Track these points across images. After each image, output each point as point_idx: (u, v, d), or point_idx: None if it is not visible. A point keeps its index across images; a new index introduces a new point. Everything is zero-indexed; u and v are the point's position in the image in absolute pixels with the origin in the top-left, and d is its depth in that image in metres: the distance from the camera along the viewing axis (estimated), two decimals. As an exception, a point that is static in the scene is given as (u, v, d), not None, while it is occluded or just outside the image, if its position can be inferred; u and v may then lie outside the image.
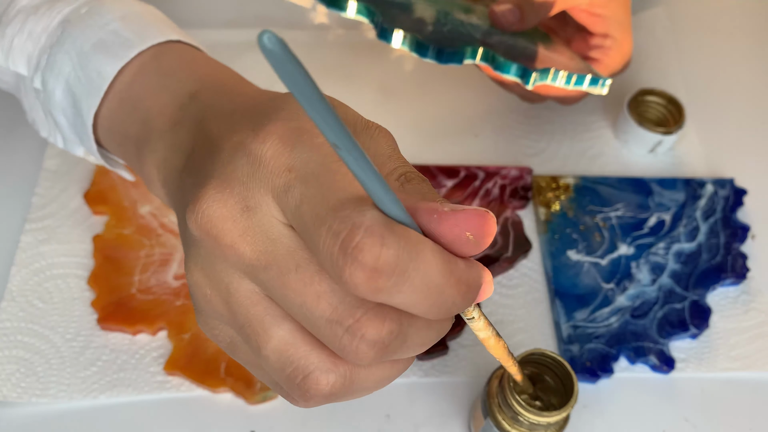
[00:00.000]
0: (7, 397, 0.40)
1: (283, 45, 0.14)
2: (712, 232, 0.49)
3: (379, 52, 0.59)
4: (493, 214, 0.21)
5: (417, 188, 0.22)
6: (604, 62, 0.47)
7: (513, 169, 0.51)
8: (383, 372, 0.23)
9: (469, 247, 0.21)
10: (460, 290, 0.20)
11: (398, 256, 0.19)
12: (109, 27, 0.33)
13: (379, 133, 0.26)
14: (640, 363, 0.43)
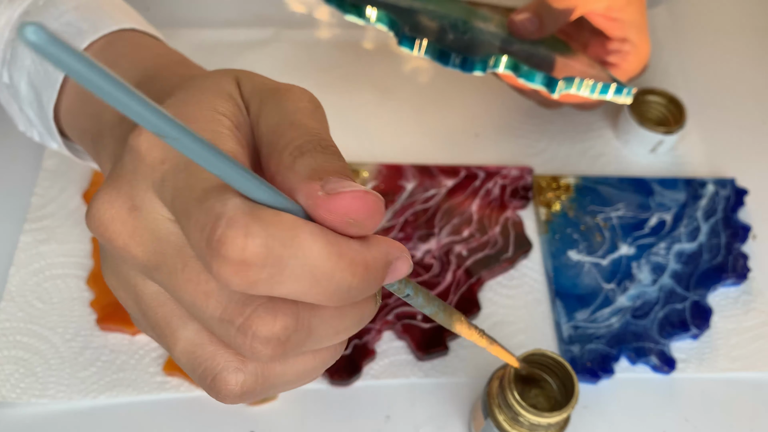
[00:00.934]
0: (6, 398, 0.40)
1: (51, 36, 0.13)
2: (713, 232, 0.48)
3: (378, 52, 0.59)
4: (376, 194, 0.20)
5: (309, 163, 0.20)
6: (623, 67, 0.47)
7: (513, 168, 0.51)
8: (303, 365, 0.22)
9: (354, 230, 0.19)
10: (356, 272, 0.19)
11: (267, 245, 0.18)
12: (63, 18, 0.33)
13: (287, 97, 0.23)
14: (641, 363, 0.43)
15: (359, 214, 0.19)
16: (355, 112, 0.55)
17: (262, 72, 0.63)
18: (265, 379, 0.21)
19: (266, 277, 0.18)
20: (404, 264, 0.21)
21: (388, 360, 0.43)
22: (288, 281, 0.18)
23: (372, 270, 0.20)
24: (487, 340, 0.28)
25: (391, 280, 0.21)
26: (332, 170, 0.20)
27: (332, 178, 0.20)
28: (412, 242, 0.46)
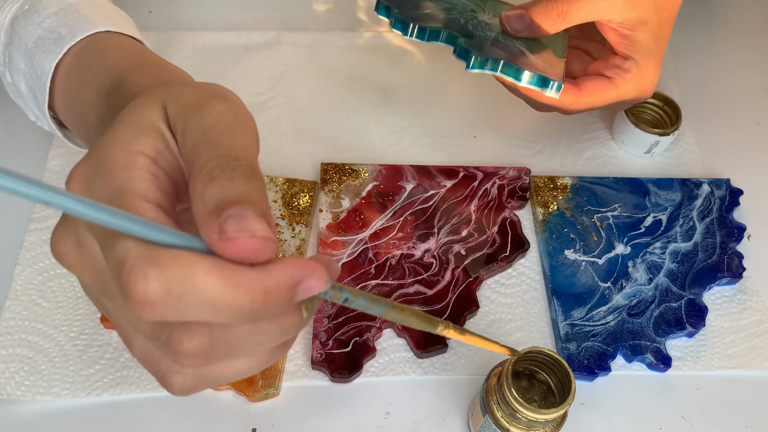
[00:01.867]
0: (11, 395, 0.40)
1: None
2: (708, 232, 0.49)
3: (379, 54, 0.60)
4: (266, 235, 0.21)
5: (215, 193, 0.22)
6: (617, 84, 0.45)
7: (511, 169, 0.51)
8: (239, 366, 0.24)
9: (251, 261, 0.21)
10: (255, 298, 0.21)
11: (165, 286, 0.20)
12: (45, 24, 0.35)
13: (207, 111, 0.24)
14: (637, 361, 0.44)
15: (250, 255, 0.21)
16: (356, 114, 0.56)
17: (263, 74, 0.63)
18: (204, 379, 0.24)
19: (171, 310, 0.21)
20: (316, 282, 0.22)
21: (388, 357, 0.43)
22: (191, 312, 0.21)
23: (273, 294, 0.21)
24: (458, 332, 0.28)
25: (304, 296, 0.22)
26: (236, 199, 0.21)
27: (231, 217, 0.21)
28: (411, 241, 0.47)
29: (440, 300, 0.45)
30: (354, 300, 0.24)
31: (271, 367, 0.41)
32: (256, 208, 0.21)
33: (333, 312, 0.44)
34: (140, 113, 0.24)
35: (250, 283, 0.21)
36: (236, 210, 0.21)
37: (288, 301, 0.22)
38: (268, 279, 0.21)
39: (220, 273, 0.21)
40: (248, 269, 0.21)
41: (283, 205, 0.48)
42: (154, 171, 0.23)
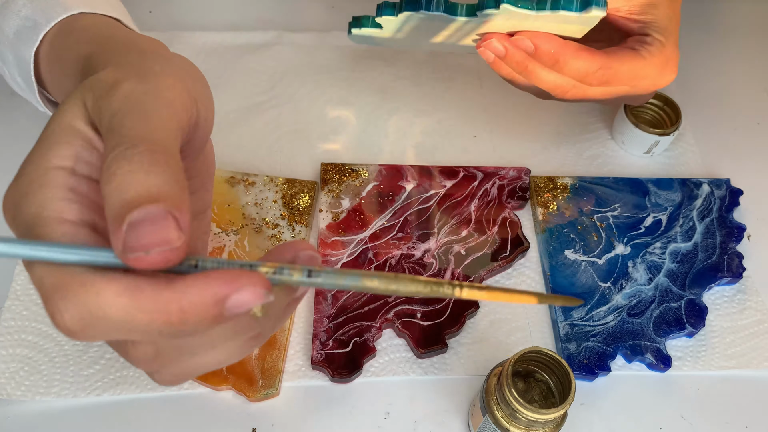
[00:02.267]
0: (11, 395, 0.40)
1: None
2: (708, 232, 0.49)
3: (379, 54, 0.60)
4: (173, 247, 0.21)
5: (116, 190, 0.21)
6: (643, 54, 0.41)
7: (511, 169, 0.51)
8: (207, 360, 0.24)
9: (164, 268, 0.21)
10: (170, 320, 0.20)
11: (78, 317, 0.20)
12: (22, 12, 0.34)
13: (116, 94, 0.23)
14: (637, 361, 0.44)
15: (159, 267, 0.21)
16: (356, 114, 0.56)
17: (264, 74, 0.63)
18: (183, 374, 0.25)
19: (93, 335, 0.21)
20: (247, 294, 0.21)
21: (388, 357, 0.43)
22: (113, 334, 0.21)
23: (191, 313, 0.21)
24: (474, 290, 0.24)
25: (238, 311, 0.21)
26: (135, 199, 0.20)
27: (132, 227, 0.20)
28: (411, 241, 0.47)
29: (440, 300, 0.45)
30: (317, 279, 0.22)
31: (271, 367, 0.41)
32: (158, 207, 0.20)
33: (333, 312, 0.44)
34: (59, 119, 0.23)
35: (162, 305, 0.20)
36: (137, 215, 0.20)
37: (214, 316, 0.21)
38: (182, 299, 0.20)
39: (129, 296, 0.20)
40: (162, 288, 0.20)
41: (283, 205, 0.48)
42: (72, 183, 0.22)
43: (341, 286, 0.22)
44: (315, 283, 0.22)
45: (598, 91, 0.42)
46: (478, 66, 0.59)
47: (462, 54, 0.60)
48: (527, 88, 0.43)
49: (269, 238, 0.47)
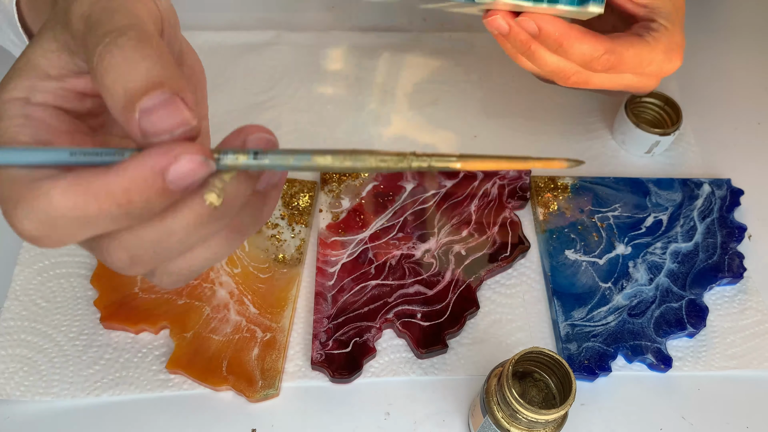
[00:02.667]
0: (10, 395, 0.40)
1: None
2: (708, 232, 0.49)
3: (379, 54, 0.60)
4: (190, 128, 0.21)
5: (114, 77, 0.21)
6: (647, 40, 0.40)
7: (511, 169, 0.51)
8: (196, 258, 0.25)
9: None
10: (119, 202, 0.21)
11: (36, 222, 0.21)
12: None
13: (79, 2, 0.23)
14: (638, 361, 0.44)
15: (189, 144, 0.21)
16: (356, 114, 0.55)
17: (264, 74, 0.63)
18: (178, 275, 0.25)
19: (57, 238, 0.21)
20: (185, 163, 0.21)
21: (389, 357, 0.43)
22: (74, 233, 0.21)
23: (134, 191, 0.21)
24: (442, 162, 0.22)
25: (181, 182, 0.21)
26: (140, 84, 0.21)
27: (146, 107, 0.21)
28: (411, 242, 0.47)
29: (440, 300, 0.44)
30: (265, 160, 0.22)
31: (270, 368, 0.41)
32: (165, 92, 0.21)
33: (333, 312, 0.44)
34: (19, 59, 0.24)
35: (106, 189, 0.21)
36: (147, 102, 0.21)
37: (158, 190, 0.21)
38: (123, 179, 0.21)
39: (74, 190, 0.21)
40: (103, 174, 0.21)
41: (283, 205, 0.48)
42: (27, 111, 0.23)
43: (290, 167, 0.22)
44: (262, 165, 0.22)
45: (601, 79, 0.41)
46: (478, 66, 0.59)
47: (462, 54, 0.60)
48: (530, 69, 0.42)
49: (269, 238, 0.47)
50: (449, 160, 0.22)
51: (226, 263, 0.45)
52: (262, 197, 0.25)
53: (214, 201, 0.22)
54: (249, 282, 0.44)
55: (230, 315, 0.43)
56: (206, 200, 0.22)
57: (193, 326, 0.42)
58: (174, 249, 0.23)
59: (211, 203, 0.22)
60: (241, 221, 0.25)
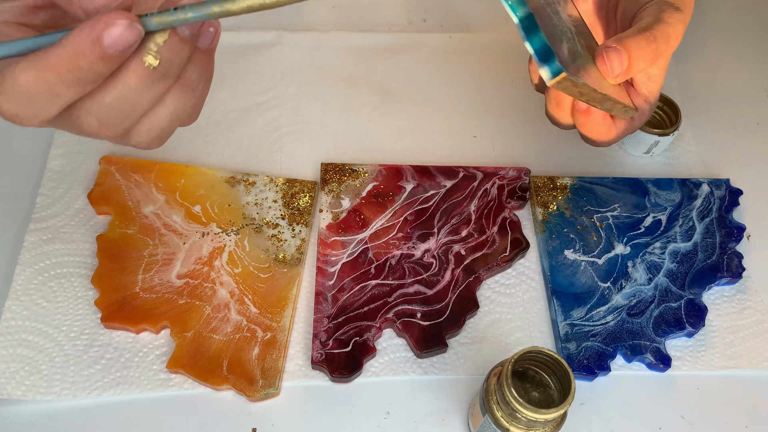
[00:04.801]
0: (11, 395, 0.40)
1: None
2: (707, 232, 0.49)
3: (379, 54, 0.60)
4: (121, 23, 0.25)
5: None
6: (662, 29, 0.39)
7: (511, 169, 0.51)
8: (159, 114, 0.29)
9: None
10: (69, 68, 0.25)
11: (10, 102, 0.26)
12: None
13: None
14: (637, 361, 0.44)
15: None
16: (356, 114, 0.56)
17: (265, 74, 0.64)
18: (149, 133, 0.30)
19: (32, 113, 0.27)
20: (116, 28, 0.25)
21: (388, 357, 0.43)
22: (45, 105, 0.26)
23: (80, 57, 0.25)
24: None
25: (118, 46, 0.25)
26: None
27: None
28: (411, 241, 0.47)
29: (440, 300, 0.45)
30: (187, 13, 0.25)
31: (271, 367, 0.41)
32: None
33: (333, 312, 0.44)
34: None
35: (56, 60, 0.25)
36: None
37: (101, 57, 0.25)
38: (67, 49, 0.25)
39: (33, 66, 0.25)
40: (52, 49, 0.25)
41: (283, 205, 0.48)
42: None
43: (211, 14, 0.25)
44: (187, 19, 0.25)
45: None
46: (478, 66, 0.59)
47: (462, 54, 0.60)
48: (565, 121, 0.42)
49: (269, 238, 0.47)
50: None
51: (227, 263, 0.45)
52: (206, 55, 0.29)
53: (151, 62, 0.26)
54: (249, 282, 0.45)
55: (231, 314, 0.43)
56: (144, 62, 0.26)
57: (193, 326, 0.42)
58: (133, 109, 0.28)
59: (149, 64, 0.26)
60: (189, 77, 0.29)
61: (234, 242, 0.46)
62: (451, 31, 0.62)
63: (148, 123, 0.29)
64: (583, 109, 0.40)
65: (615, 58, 0.37)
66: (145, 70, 0.26)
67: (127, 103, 0.27)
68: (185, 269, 0.45)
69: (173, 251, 0.45)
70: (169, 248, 0.45)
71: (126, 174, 0.48)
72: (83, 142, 0.51)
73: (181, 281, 0.44)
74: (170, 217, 0.47)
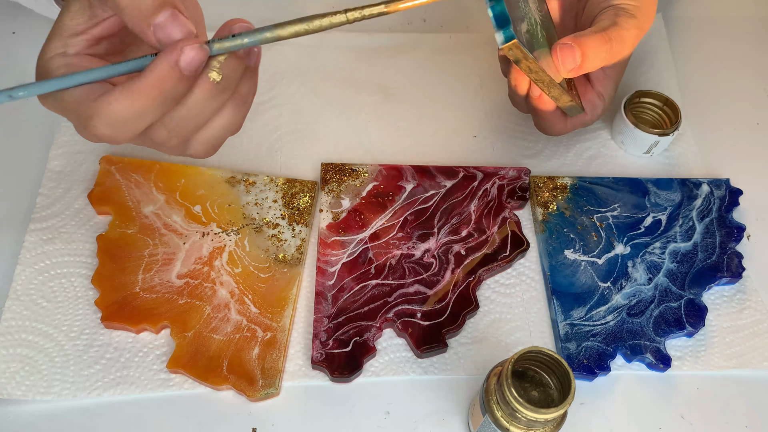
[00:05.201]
0: (11, 395, 0.40)
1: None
2: (707, 232, 0.49)
3: (379, 54, 0.60)
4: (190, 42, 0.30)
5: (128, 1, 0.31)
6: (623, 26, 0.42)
7: (511, 169, 0.51)
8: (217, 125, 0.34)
9: None
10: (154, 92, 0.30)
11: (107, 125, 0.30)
12: None
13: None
14: (637, 361, 0.44)
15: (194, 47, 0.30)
16: (356, 114, 0.56)
17: (265, 74, 0.64)
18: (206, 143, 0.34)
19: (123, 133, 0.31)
20: (190, 52, 0.30)
21: (388, 357, 0.43)
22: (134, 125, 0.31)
23: (163, 81, 0.30)
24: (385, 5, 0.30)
25: (192, 67, 0.30)
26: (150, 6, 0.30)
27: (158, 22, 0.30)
28: (411, 241, 0.47)
29: (440, 300, 0.45)
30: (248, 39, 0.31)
31: (271, 367, 0.41)
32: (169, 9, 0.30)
33: (333, 312, 0.44)
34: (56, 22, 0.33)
35: (146, 87, 0.30)
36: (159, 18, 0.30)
37: (180, 79, 0.30)
38: (153, 76, 0.30)
39: (126, 94, 0.30)
40: (140, 78, 0.30)
41: (284, 205, 0.48)
42: (66, 61, 0.32)
43: (264, 39, 0.31)
44: (243, 44, 0.31)
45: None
46: (478, 66, 0.59)
47: (462, 54, 0.60)
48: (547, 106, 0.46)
49: (269, 238, 0.47)
50: (377, 7, 0.30)
51: (227, 263, 0.45)
52: (253, 72, 0.34)
53: (215, 77, 0.31)
54: (250, 281, 0.45)
55: (231, 314, 0.43)
56: (210, 77, 0.31)
57: (193, 326, 0.42)
58: (197, 120, 0.32)
59: (213, 79, 0.31)
60: (241, 91, 0.34)
61: (234, 242, 0.46)
62: (451, 31, 0.62)
63: (206, 133, 0.34)
64: (535, 96, 0.45)
65: (568, 54, 0.41)
66: (210, 85, 0.31)
67: (193, 114, 0.32)
68: (185, 269, 0.45)
69: (173, 251, 0.45)
70: (169, 248, 0.45)
71: (126, 174, 0.49)
72: (83, 142, 0.51)
73: (181, 281, 0.44)
74: (170, 217, 0.47)
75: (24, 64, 0.55)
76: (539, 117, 0.47)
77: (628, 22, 0.43)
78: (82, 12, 0.32)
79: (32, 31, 0.57)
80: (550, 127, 0.48)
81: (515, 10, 0.40)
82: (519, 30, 0.39)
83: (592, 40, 0.41)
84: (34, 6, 0.51)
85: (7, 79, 0.55)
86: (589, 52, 0.41)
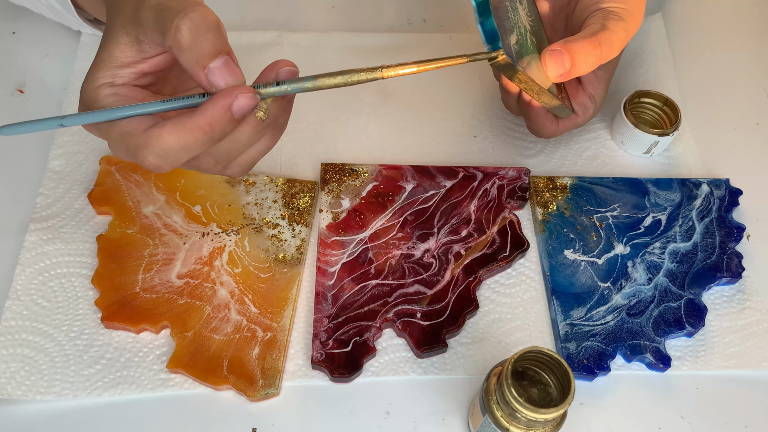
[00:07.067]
0: (11, 395, 0.40)
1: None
2: (707, 232, 0.49)
3: (378, 54, 0.60)
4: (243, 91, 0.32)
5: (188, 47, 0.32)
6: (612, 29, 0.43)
7: (511, 169, 0.51)
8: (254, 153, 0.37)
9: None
10: (206, 131, 0.32)
11: (157, 155, 0.32)
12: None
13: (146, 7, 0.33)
14: (637, 361, 0.44)
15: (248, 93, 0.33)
16: (356, 114, 0.56)
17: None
18: (243, 166, 0.37)
19: (171, 163, 0.33)
20: (244, 100, 0.32)
21: (388, 357, 0.43)
22: (182, 156, 0.33)
23: (216, 122, 0.32)
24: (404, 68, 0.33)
25: (243, 111, 0.32)
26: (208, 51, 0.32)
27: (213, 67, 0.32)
28: (411, 241, 0.47)
29: (440, 300, 0.45)
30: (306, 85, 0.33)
31: (271, 367, 0.41)
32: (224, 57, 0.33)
33: (333, 312, 0.44)
34: (100, 50, 0.34)
35: (197, 125, 0.32)
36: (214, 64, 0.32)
37: (231, 121, 0.32)
38: (206, 116, 0.32)
39: (178, 129, 0.32)
40: (192, 115, 0.32)
41: (284, 205, 0.48)
42: (114, 91, 0.34)
43: (305, 88, 0.33)
44: (287, 90, 0.34)
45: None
46: (478, 66, 0.59)
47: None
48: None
49: (269, 237, 0.47)
50: (410, 68, 0.33)
51: (227, 263, 0.45)
52: (289, 103, 0.37)
53: (262, 116, 0.34)
54: (250, 282, 0.45)
55: (231, 314, 0.43)
56: (258, 117, 0.34)
57: (193, 326, 0.42)
58: (240, 150, 0.35)
59: (260, 118, 0.34)
60: (278, 123, 0.36)
61: (234, 242, 0.46)
62: (451, 31, 0.62)
63: (245, 157, 0.37)
64: (526, 101, 0.47)
65: (558, 60, 0.41)
66: (256, 122, 0.34)
67: (238, 146, 0.35)
68: (185, 269, 0.45)
69: (173, 251, 0.45)
70: (169, 248, 0.45)
71: (126, 174, 0.49)
72: (83, 142, 0.51)
73: (181, 281, 0.44)
74: (170, 217, 0.47)
75: (24, 64, 0.56)
76: (531, 120, 0.48)
77: (617, 26, 0.43)
78: (131, 46, 0.34)
79: (32, 31, 0.57)
80: (541, 129, 0.49)
81: (505, 21, 0.41)
82: (508, 43, 0.40)
83: (581, 46, 0.42)
84: (34, 6, 0.52)
85: (7, 79, 0.55)
86: (579, 58, 0.42)
